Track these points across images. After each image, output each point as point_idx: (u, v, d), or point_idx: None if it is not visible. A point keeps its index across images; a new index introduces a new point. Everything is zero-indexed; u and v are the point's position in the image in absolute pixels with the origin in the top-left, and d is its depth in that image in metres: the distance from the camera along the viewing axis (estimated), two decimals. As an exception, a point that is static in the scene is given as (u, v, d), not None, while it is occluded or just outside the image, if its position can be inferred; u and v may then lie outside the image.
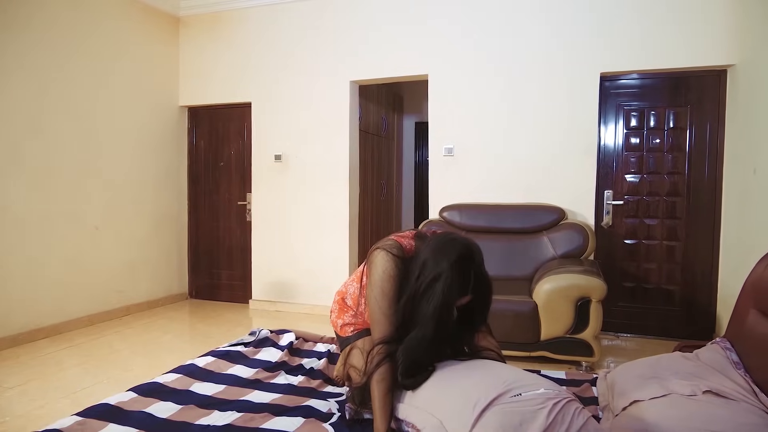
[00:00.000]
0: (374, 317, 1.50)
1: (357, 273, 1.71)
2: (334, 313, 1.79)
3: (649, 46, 3.58)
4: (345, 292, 1.75)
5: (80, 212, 4.05)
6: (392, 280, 1.48)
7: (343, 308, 1.75)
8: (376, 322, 1.50)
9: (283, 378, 1.93)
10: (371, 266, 1.52)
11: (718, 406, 1.28)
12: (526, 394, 1.18)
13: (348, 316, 1.72)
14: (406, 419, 1.35)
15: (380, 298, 1.48)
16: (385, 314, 1.48)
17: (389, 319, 1.47)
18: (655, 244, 3.76)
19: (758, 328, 1.58)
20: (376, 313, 1.49)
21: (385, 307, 1.48)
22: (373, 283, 1.50)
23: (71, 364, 3.24)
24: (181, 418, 1.57)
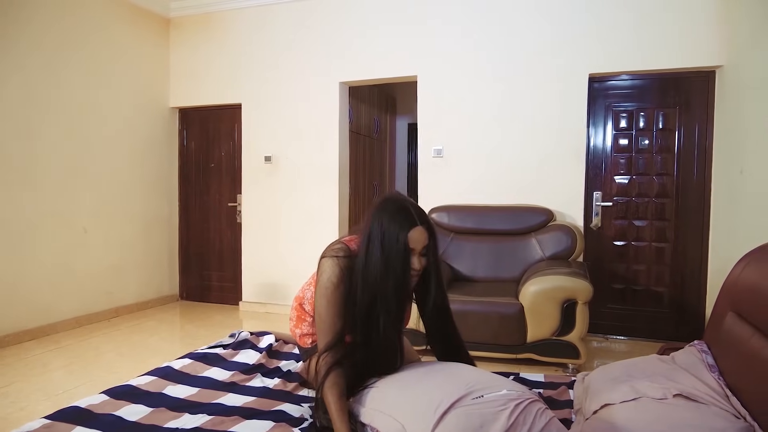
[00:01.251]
0: (319, 326, 1.47)
1: (313, 276, 1.68)
2: (293, 321, 1.74)
3: (638, 47, 3.57)
4: (302, 297, 1.71)
5: (68, 213, 4.03)
6: (337, 289, 1.44)
7: (302, 316, 1.71)
8: (320, 332, 1.47)
9: (259, 381, 1.91)
10: (318, 275, 1.49)
11: (686, 409, 1.26)
12: (488, 396, 1.17)
13: (306, 325, 1.69)
14: (370, 424, 1.33)
15: (324, 307, 1.45)
16: (329, 323, 1.45)
17: (333, 327, 1.45)
18: (644, 245, 3.75)
19: (734, 330, 1.57)
20: (320, 322, 1.47)
21: (329, 316, 1.44)
22: (318, 293, 1.47)
23: (56, 366, 3.22)
24: (150, 421, 1.55)
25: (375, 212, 1.46)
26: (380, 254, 1.39)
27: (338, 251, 1.48)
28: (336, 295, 1.44)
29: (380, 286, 1.40)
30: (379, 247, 1.40)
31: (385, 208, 1.45)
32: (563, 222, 3.64)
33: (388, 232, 1.40)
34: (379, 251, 1.40)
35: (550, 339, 3.01)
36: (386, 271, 1.39)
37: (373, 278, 1.40)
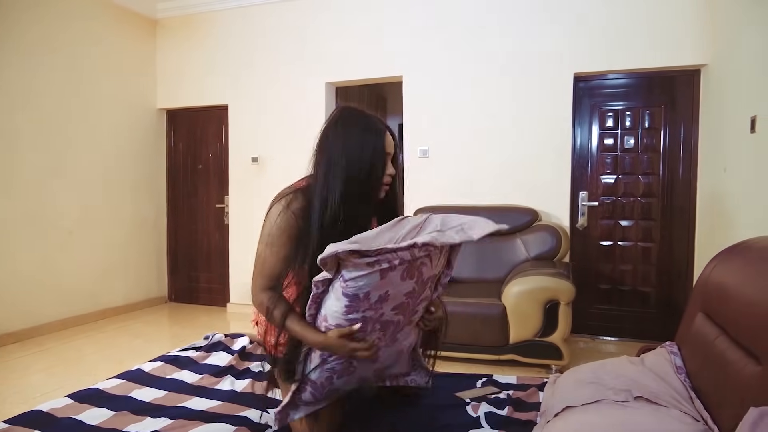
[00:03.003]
0: (257, 267, 1.38)
1: None
2: (262, 326, 1.55)
3: (623, 46, 3.55)
4: None
5: (52, 216, 4.01)
6: (284, 233, 1.36)
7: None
8: (257, 273, 1.38)
9: (229, 383, 1.90)
10: (264, 221, 1.41)
11: (645, 413, 1.24)
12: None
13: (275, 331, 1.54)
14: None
15: (267, 248, 1.37)
16: (270, 263, 1.36)
17: (273, 269, 1.37)
18: (631, 245, 3.73)
19: (702, 331, 1.55)
20: (259, 264, 1.38)
21: (272, 255, 1.36)
22: (261, 239, 1.39)
23: (37, 368, 3.20)
24: (110, 425, 1.54)
25: (336, 124, 1.38)
26: (356, 162, 1.33)
27: (289, 199, 1.39)
28: (282, 239, 1.37)
29: (351, 196, 1.33)
30: (354, 155, 1.33)
31: (348, 118, 1.39)
32: (548, 222, 3.62)
33: (363, 138, 1.34)
34: (355, 159, 1.33)
35: (532, 340, 2.99)
36: (364, 178, 1.33)
37: (345, 189, 1.32)
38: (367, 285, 1.23)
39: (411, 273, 1.28)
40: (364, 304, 1.26)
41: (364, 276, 1.21)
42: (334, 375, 1.40)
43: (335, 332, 1.28)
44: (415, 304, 1.37)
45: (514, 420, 1.52)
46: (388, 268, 1.22)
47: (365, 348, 1.28)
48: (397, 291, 1.29)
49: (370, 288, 1.24)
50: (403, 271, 1.25)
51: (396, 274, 1.25)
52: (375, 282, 1.23)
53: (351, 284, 1.23)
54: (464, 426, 1.49)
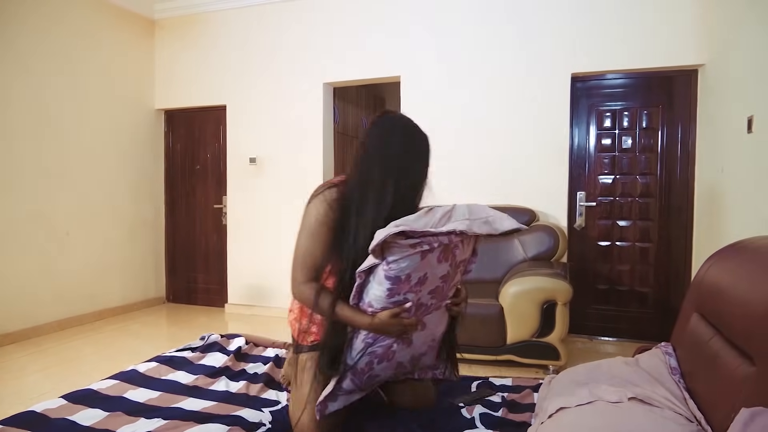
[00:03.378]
0: (298, 260, 1.44)
1: None
2: (294, 313, 1.63)
3: (620, 46, 3.55)
4: None
5: (50, 216, 4.01)
6: (323, 225, 1.42)
7: (305, 309, 1.58)
8: (300, 265, 1.43)
9: (224, 384, 1.89)
10: (303, 216, 1.46)
11: (639, 414, 1.24)
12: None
13: (307, 321, 1.58)
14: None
15: (307, 240, 1.42)
16: (313, 255, 1.42)
17: (315, 261, 1.42)
18: (628, 245, 3.72)
19: (697, 331, 1.55)
20: (300, 255, 1.44)
21: (314, 248, 1.42)
22: (301, 232, 1.45)
23: (34, 369, 3.20)
24: (104, 425, 1.53)
25: (392, 130, 1.45)
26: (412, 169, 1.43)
27: (327, 193, 1.45)
28: (322, 231, 1.42)
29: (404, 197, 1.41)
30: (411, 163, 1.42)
31: (403, 128, 1.46)
32: (546, 222, 3.61)
33: (419, 149, 1.44)
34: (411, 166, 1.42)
35: (530, 340, 2.99)
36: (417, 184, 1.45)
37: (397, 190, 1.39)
38: (408, 267, 1.32)
39: (446, 256, 1.38)
40: (405, 286, 1.35)
41: (406, 257, 1.31)
42: (374, 360, 1.45)
43: (386, 313, 1.36)
44: (447, 288, 1.46)
45: (509, 421, 1.52)
46: (428, 250, 1.32)
47: (413, 323, 1.38)
48: (434, 273, 1.38)
49: (410, 270, 1.33)
50: (439, 254, 1.36)
51: (434, 257, 1.35)
52: (416, 264, 1.33)
53: (393, 266, 1.31)
54: (459, 428, 1.48)
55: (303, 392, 1.51)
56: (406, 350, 1.49)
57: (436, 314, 1.50)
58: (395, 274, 1.32)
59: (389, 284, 1.34)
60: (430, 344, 1.56)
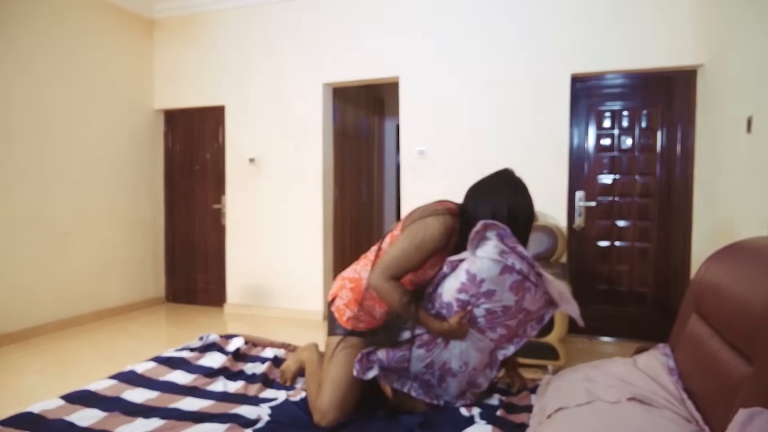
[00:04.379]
0: (394, 260, 1.55)
1: (370, 255, 1.76)
2: (343, 300, 1.72)
3: (619, 46, 3.55)
4: (359, 278, 1.72)
5: (49, 216, 4.00)
6: (433, 242, 1.55)
7: (359, 297, 1.70)
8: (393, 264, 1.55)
9: (221, 384, 1.89)
10: (416, 225, 1.57)
11: (637, 414, 1.24)
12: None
13: (359, 309, 1.70)
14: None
15: (411, 248, 1.54)
16: (405, 261, 1.54)
17: (405, 266, 1.55)
18: (628, 246, 3.72)
19: (695, 332, 1.54)
20: (396, 256, 1.55)
21: (412, 255, 1.54)
22: (409, 236, 1.55)
23: (32, 370, 3.19)
24: (101, 426, 1.53)
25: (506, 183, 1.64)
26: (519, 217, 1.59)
27: (447, 215, 1.58)
28: (428, 248, 1.55)
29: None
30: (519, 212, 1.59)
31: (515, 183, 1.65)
32: (545, 223, 3.61)
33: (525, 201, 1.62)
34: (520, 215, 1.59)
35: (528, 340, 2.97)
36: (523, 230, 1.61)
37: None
38: (486, 271, 1.45)
39: (518, 289, 1.50)
40: (473, 289, 1.48)
41: (489, 260, 1.44)
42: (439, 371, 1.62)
43: (455, 318, 1.53)
44: (502, 322, 1.55)
45: (507, 422, 1.52)
46: (510, 267, 1.46)
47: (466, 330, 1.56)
48: (500, 296, 1.49)
49: (486, 275, 1.45)
50: (514, 281, 1.48)
51: (509, 280, 1.47)
52: (493, 274, 1.45)
53: (477, 263, 1.45)
54: (458, 425, 1.48)
55: (333, 371, 1.62)
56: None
57: (482, 357, 1.61)
58: (474, 271, 1.46)
59: (465, 278, 1.47)
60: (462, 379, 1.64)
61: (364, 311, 1.69)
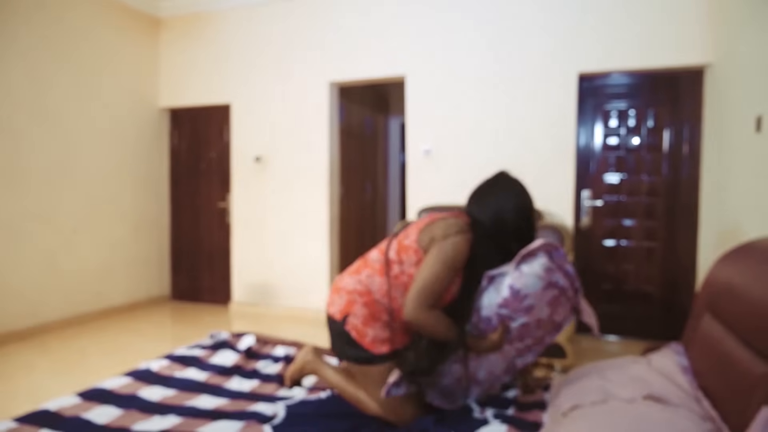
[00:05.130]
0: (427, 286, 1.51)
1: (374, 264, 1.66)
2: (357, 318, 1.59)
3: (627, 45, 3.55)
4: (369, 291, 1.61)
5: (55, 214, 4.01)
6: (461, 263, 1.55)
7: (375, 313, 1.59)
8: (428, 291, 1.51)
9: (236, 382, 1.90)
10: (441, 247, 1.53)
11: (654, 411, 1.24)
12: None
13: (380, 327, 1.59)
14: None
15: (442, 270, 1.52)
16: (440, 285, 1.52)
17: (440, 291, 1.53)
18: (634, 245, 3.73)
19: (709, 331, 1.55)
20: (430, 281, 1.51)
21: (444, 280, 1.52)
22: (438, 258, 1.52)
23: (42, 367, 3.21)
24: (119, 423, 1.54)
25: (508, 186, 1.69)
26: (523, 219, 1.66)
27: (466, 233, 1.57)
28: (457, 268, 1.54)
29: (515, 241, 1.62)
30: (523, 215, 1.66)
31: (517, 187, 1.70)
32: (552, 222, 3.62)
33: (528, 204, 1.68)
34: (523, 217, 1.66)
35: (536, 339, 2.99)
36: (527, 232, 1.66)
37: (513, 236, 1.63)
38: (531, 287, 1.49)
39: (554, 304, 1.55)
40: (515, 304, 1.51)
41: (535, 276, 1.48)
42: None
43: (496, 334, 1.55)
44: (529, 335, 1.58)
45: (521, 420, 1.53)
46: (552, 284, 1.51)
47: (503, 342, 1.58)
48: (537, 312, 1.53)
49: (529, 291, 1.49)
50: (552, 296, 1.53)
51: (549, 295, 1.52)
52: (536, 289, 1.50)
53: (523, 279, 1.49)
54: (472, 426, 1.49)
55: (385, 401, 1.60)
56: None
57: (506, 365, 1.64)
58: (518, 286, 1.49)
59: (507, 294, 1.49)
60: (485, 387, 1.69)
61: (388, 329, 1.60)
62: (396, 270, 1.60)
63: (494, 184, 1.71)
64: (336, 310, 1.64)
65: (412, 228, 1.68)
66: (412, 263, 1.59)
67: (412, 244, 1.61)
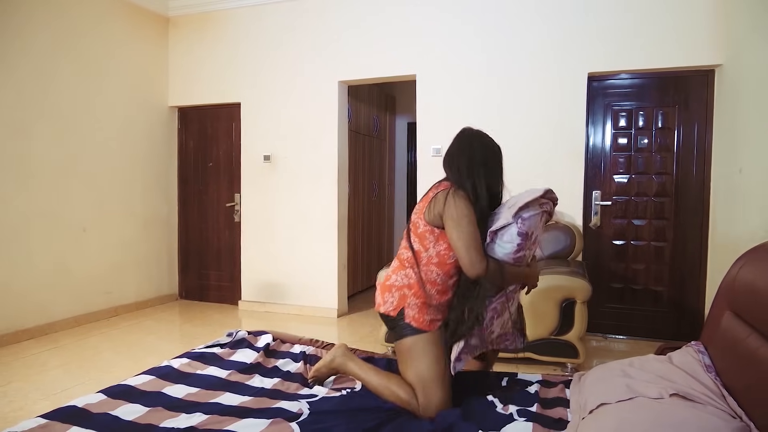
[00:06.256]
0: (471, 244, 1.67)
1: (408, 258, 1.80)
2: (413, 309, 1.75)
3: (637, 46, 3.57)
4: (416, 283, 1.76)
5: (65, 213, 4.03)
6: (472, 214, 1.72)
7: (425, 300, 1.74)
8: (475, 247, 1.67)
9: (258, 380, 1.92)
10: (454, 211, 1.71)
11: (683, 409, 1.26)
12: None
13: (433, 311, 1.76)
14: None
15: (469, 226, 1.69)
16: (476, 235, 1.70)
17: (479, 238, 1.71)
18: (643, 244, 3.74)
19: (731, 330, 1.57)
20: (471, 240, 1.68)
21: (474, 230, 1.70)
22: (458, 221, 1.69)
23: (54, 365, 3.22)
24: (146, 420, 1.55)
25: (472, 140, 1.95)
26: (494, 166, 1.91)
27: (457, 189, 1.76)
28: (474, 218, 1.72)
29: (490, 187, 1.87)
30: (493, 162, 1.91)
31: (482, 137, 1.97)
32: (562, 221, 3.63)
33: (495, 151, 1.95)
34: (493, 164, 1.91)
35: (548, 338, 3.01)
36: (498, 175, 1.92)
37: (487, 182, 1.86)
38: (532, 224, 1.70)
39: (543, 222, 1.80)
40: (527, 242, 1.71)
41: (535, 215, 1.70)
42: (495, 315, 1.77)
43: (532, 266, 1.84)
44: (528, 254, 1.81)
45: (545, 417, 1.54)
46: (544, 212, 1.75)
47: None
48: (536, 235, 1.77)
49: (533, 227, 1.70)
50: (543, 220, 1.78)
51: (542, 218, 1.76)
52: (536, 221, 1.71)
53: (526, 222, 1.68)
54: (497, 424, 1.50)
55: (432, 371, 1.70)
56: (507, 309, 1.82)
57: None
58: (525, 230, 1.68)
59: (519, 240, 1.67)
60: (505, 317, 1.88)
61: (439, 310, 1.78)
62: (424, 257, 1.77)
63: (460, 144, 1.94)
64: (390, 308, 1.79)
65: (415, 218, 1.84)
66: (433, 243, 1.77)
67: (425, 228, 1.78)
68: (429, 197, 1.81)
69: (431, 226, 1.77)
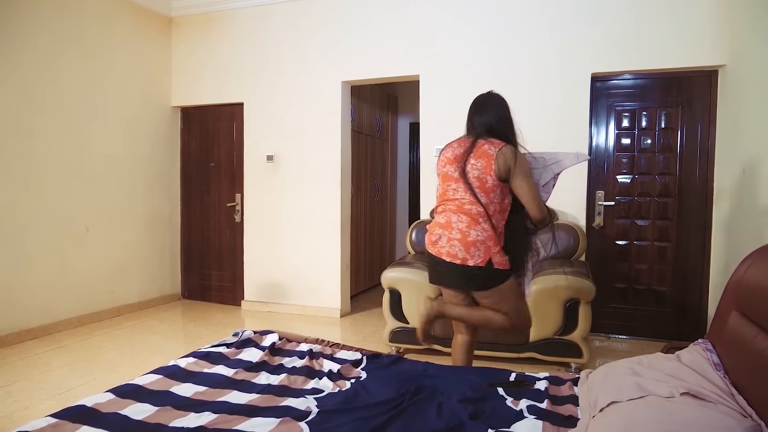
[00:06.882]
0: (536, 194, 2.13)
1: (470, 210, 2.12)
2: (498, 255, 2.12)
3: (640, 46, 3.57)
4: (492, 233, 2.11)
5: (68, 213, 4.03)
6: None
7: (500, 246, 2.14)
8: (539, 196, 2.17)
9: (265, 378, 1.92)
10: (520, 165, 2.12)
11: (694, 408, 1.26)
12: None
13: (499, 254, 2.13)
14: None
15: (531, 179, 2.16)
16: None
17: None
18: (646, 245, 3.75)
19: (739, 329, 1.57)
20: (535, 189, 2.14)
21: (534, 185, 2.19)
22: (525, 174, 2.13)
23: (58, 365, 3.22)
24: (155, 419, 1.55)
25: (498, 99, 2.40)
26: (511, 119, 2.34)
27: (509, 145, 2.17)
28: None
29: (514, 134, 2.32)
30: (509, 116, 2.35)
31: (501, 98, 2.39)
32: (565, 221, 3.64)
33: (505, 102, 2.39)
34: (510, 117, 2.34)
35: (552, 338, 3.02)
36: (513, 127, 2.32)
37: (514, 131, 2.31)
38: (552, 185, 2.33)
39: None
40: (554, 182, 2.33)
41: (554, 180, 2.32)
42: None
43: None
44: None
45: (555, 414, 1.55)
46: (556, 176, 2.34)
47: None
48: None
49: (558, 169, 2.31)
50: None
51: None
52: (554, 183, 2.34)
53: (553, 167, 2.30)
54: (508, 418, 1.51)
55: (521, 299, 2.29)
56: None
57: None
58: (555, 183, 2.31)
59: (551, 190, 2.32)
60: None
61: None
62: (492, 209, 2.11)
63: (501, 107, 2.33)
64: (479, 260, 2.09)
65: (480, 174, 2.11)
66: (499, 195, 2.13)
67: (494, 183, 2.10)
68: (489, 155, 2.10)
69: (499, 181, 2.09)
